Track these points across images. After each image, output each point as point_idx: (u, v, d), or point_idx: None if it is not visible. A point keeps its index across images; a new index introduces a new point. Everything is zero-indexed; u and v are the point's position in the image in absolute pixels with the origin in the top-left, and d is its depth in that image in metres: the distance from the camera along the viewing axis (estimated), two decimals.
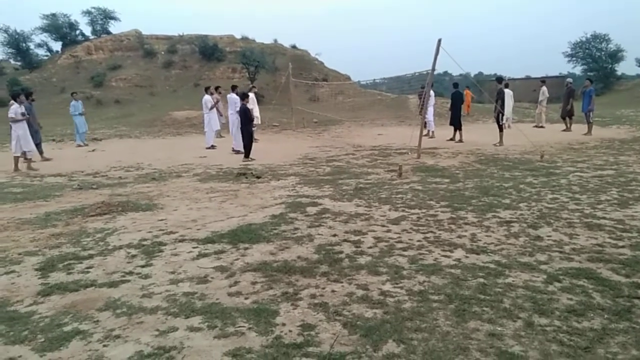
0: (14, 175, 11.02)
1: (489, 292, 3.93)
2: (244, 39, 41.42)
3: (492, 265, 4.55)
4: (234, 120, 14.19)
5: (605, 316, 3.49)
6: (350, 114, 27.19)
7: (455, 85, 17.11)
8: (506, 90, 19.67)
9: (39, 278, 4.56)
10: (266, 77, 35.15)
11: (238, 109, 13.21)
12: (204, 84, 23.40)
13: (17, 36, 40.26)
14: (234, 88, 15.25)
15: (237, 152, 13.84)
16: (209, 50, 38.27)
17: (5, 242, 5.74)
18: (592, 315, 3.52)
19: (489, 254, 4.90)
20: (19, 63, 42.94)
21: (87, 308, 3.85)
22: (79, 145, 17.21)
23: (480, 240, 5.34)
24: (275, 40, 41.60)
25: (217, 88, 16.35)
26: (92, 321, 3.62)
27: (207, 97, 15.89)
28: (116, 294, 4.13)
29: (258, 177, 9.82)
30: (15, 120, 11.72)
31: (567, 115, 18.20)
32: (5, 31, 39.75)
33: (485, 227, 5.84)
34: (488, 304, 3.72)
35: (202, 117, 16.73)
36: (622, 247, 5.01)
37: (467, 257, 4.83)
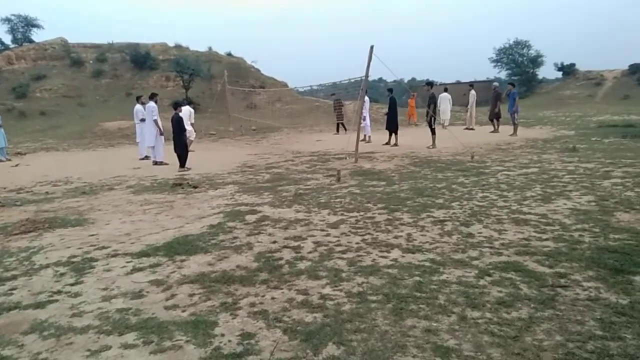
0: None
1: (425, 290, 4.05)
2: (178, 46, 40.56)
3: (427, 264, 4.69)
4: (150, 130, 13.82)
5: (532, 305, 3.68)
6: (289, 120, 27.27)
7: (390, 90, 17.55)
8: (444, 94, 20.59)
9: None
10: (202, 85, 34.56)
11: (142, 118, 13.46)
12: (136, 93, 22.68)
13: None
14: (152, 96, 14.55)
15: (159, 163, 13.56)
16: (140, 59, 37.14)
17: None
18: (520, 305, 3.70)
19: (424, 252, 5.05)
20: None
21: (10, 332, 3.61)
22: (0, 161, 16.15)
23: (415, 240, 5.49)
24: (210, 48, 41.03)
25: (152, 96, 15.78)
26: (16, 346, 3.40)
27: (138, 106, 15.41)
28: (43, 315, 3.90)
29: (195, 187, 9.61)
30: None
31: (494, 117, 19.17)
32: None
33: (420, 227, 6.01)
34: (424, 301, 3.83)
35: (134, 128, 16.20)
36: (546, 239, 5.31)
37: (403, 256, 4.95)
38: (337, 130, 21.44)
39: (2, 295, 4.37)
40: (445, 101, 20.39)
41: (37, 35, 42.07)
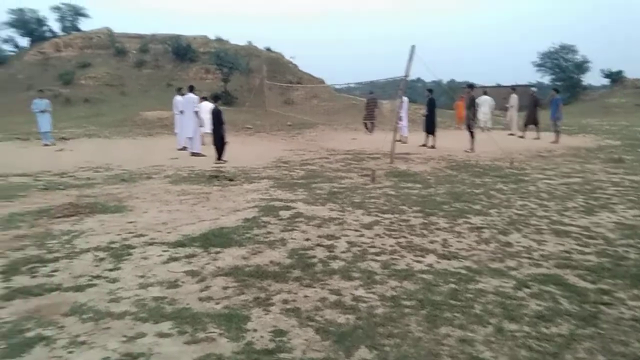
0: None
1: (461, 298, 3.97)
2: (218, 40, 41.07)
3: (463, 271, 4.60)
4: (190, 121, 14.13)
5: (573, 322, 3.56)
6: (325, 117, 27.24)
7: (430, 91, 17.27)
8: (485, 97, 20.24)
9: (1, 282, 4.39)
10: (240, 78, 34.91)
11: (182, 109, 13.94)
12: (176, 85, 23.08)
13: None
14: (191, 89, 15.00)
15: (196, 154, 13.80)
16: (182, 51, 37.79)
17: None
18: (560, 321, 3.58)
19: (461, 259, 4.96)
20: None
21: (51, 313, 3.73)
22: (46, 145, 16.72)
23: (451, 246, 5.40)
24: (250, 42, 41.35)
25: (191, 88, 16.07)
26: (57, 327, 3.50)
27: (178, 97, 15.68)
28: (82, 298, 4.01)
29: (231, 180, 9.72)
30: None
31: (531, 123, 18.71)
32: None
33: (457, 233, 5.91)
34: (459, 310, 3.75)
35: (174, 118, 16.52)
36: (589, 253, 5.13)
37: (439, 262, 4.88)
38: (366, 128, 21.29)
39: (44, 276, 4.52)
40: (485, 104, 19.99)
41: (84, 24, 43.36)
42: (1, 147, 15.05)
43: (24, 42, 42.40)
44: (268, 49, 41.43)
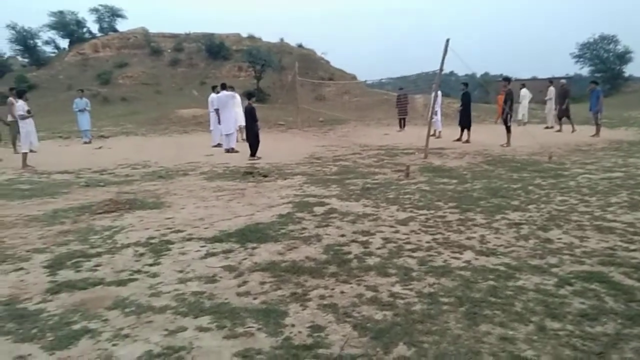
0: (21, 172, 11.05)
1: (500, 295, 3.90)
2: (251, 37, 41.48)
3: (502, 268, 4.51)
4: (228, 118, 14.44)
5: (619, 321, 3.44)
6: (357, 113, 27.18)
7: (465, 85, 16.97)
8: (523, 90, 19.91)
9: (47, 275, 4.55)
10: (272, 76, 35.17)
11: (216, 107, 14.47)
12: (210, 83, 23.43)
13: (24, 33, 40.53)
14: (223, 86, 15.35)
15: (230, 150, 14.01)
16: (215, 49, 38.35)
17: (14, 239, 5.75)
18: (605, 320, 3.47)
19: (499, 256, 4.86)
20: (26, 60, 43.19)
21: (95, 306, 3.84)
22: (86, 143, 17.26)
23: (489, 242, 5.30)
24: (282, 39, 41.64)
25: (223, 86, 16.30)
26: (101, 320, 3.61)
27: (213, 95, 15.92)
28: (125, 292, 4.12)
29: (265, 176, 9.80)
30: (24, 117, 11.76)
31: (563, 115, 18.29)
32: (13, 28, 40.03)
33: (495, 229, 5.79)
34: (499, 307, 3.68)
35: (209, 116, 16.77)
36: (634, 250, 4.95)
37: (476, 259, 4.79)
38: (401, 126, 20.96)
39: (88, 270, 4.66)
40: (526, 98, 19.69)
41: (121, 25, 44.49)
42: (44, 146, 15.56)
43: (64, 43, 43.83)
44: (300, 46, 41.61)
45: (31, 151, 11.88)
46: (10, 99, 13.34)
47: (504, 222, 6.10)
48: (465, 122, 15.67)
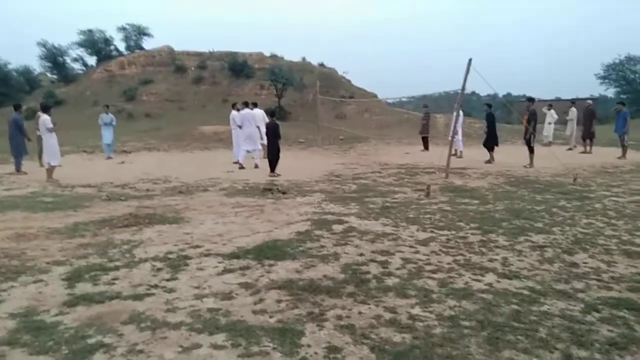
0: (46, 185, 11.24)
1: (524, 320, 3.76)
2: (273, 56, 41.97)
3: (525, 292, 4.37)
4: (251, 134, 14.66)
5: None
6: (377, 131, 27.13)
7: (489, 105, 16.81)
8: (551, 112, 19.86)
9: (65, 288, 4.56)
10: (293, 94, 35.44)
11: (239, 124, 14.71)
12: (232, 100, 23.68)
13: (54, 50, 41.81)
14: (246, 104, 15.70)
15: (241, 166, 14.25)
16: (238, 67, 38.87)
17: (35, 250, 5.80)
18: (635, 349, 3.32)
19: (522, 279, 4.72)
20: (55, 76, 44.44)
21: (111, 320, 3.82)
22: (109, 157, 17.52)
23: (512, 265, 5.15)
24: (304, 58, 42.04)
25: (246, 104, 16.45)
26: (116, 334, 3.58)
27: (234, 112, 16.07)
28: (141, 307, 4.09)
29: (284, 193, 9.79)
30: (52, 130, 12.03)
31: (588, 137, 18.10)
32: (44, 45, 41.30)
33: (518, 251, 5.64)
34: (523, 333, 3.55)
35: (230, 133, 16.92)
36: None
37: (499, 281, 4.66)
38: (425, 147, 20.35)
39: (105, 284, 4.66)
40: (549, 118, 19.64)
41: (147, 43, 45.52)
42: (69, 160, 15.87)
43: (92, 60, 44.96)
44: (321, 65, 41.94)
45: (58, 165, 12.13)
46: (38, 113, 13.66)
47: (527, 244, 5.95)
48: (490, 143, 15.50)
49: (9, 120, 14.12)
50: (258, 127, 14.61)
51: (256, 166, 14.25)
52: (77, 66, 44.97)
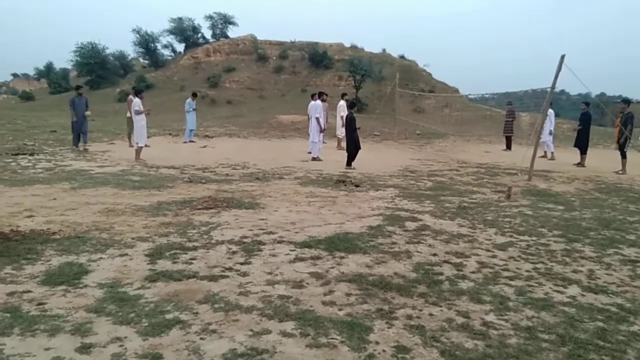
0: (134, 164, 11.95)
1: (610, 339, 3.49)
2: (353, 47, 41.88)
3: (613, 309, 4.06)
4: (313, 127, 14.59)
5: None
6: (456, 128, 26.32)
7: (587, 104, 15.72)
8: None
9: (147, 264, 4.82)
10: (371, 86, 35.19)
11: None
12: (311, 90, 23.92)
13: (147, 37, 44.23)
14: (320, 95, 15.67)
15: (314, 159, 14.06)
16: (318, 57, 39.17)
17: (122, 226, 6.19)
18: None
19: (610, 295, 4.39)
20: (146, 62, 47.09)
21: (188, 298, 3.99)
22: (185, 142, 18.15)
23: (599, 278, 4.81)
24: (384, 50, 41.61)
25: (320, 94, 16.53)
26: (192, 312, 3.73)
27: (312, 102, 16.20)
28: (215, 288, 4.24)
29: (357, 186, 9.75)
30: (139, 113, 12.74)
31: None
32: (138, 32, 43.81)
33: (606, 264, 5.26)
34: (608, 353, 3.30)
35: (308, 122, 17.09)
36: None
37: (583, 295, 4.36)
38: (507, 146, 19.52)
39: (184, 263, 4.88)
40: None
41: (232, 32, 46.97)
42: (154, 141, 16.77)
43: (180, 47, 47.12)
44: (402, 57, 41.31)
45: (146, 145, 12.86)
46: (130, 96, 14.50)
47: (617, 257, 5.53)
48: (582, 144, 14.56)
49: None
50: (317, 119, 14.37)
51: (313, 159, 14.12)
52: (166, 52, 47.46)
